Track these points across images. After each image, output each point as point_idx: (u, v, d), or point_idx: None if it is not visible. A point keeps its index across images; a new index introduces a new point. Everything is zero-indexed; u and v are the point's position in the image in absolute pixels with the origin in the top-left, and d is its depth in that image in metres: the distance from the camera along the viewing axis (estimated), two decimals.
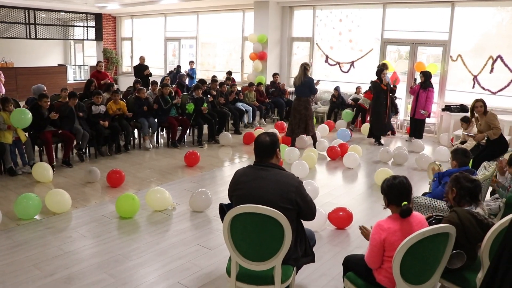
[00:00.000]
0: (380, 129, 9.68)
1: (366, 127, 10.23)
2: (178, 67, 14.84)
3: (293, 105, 9.04)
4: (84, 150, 8.04)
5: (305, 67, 8.63)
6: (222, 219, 3.31)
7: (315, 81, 8.78)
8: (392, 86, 9.69)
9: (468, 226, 3.02)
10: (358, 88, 11.68)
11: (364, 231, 3.25)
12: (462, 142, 7.72)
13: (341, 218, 5.13)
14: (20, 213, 5.17)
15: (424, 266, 2.78)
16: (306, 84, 8.60)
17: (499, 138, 6.43)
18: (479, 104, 6.56)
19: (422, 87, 9.68)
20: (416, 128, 10.00)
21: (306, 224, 3.33)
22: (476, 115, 6.68)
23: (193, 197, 5.53)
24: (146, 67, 13.19)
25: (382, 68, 9.63)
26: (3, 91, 10.44)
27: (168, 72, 14.59)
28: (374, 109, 9.62)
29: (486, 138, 6.57)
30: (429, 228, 2.65)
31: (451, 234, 2.73)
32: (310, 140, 9.21)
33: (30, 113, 6.88)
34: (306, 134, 9.01)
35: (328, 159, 8.33)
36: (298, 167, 7.00)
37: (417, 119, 9.87)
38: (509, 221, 2.27)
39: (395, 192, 2.93)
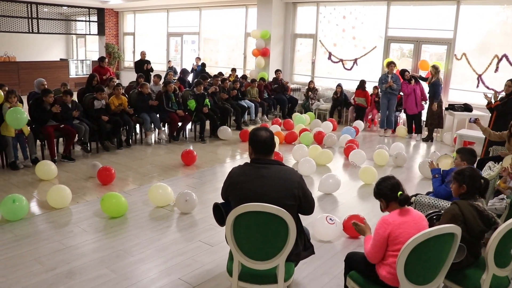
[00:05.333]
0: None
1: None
2: (203, 64, 14.64)
3: None
4: (87, 143, 8.02)
5: None
6: (216, 218, 3.28)
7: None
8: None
9: (469, 218, 3.02)
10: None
11: (358, 227, 3.27)
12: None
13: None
14: (6, 215, 4.98)
15: (429, 266, 2.75)
16: None
17: None
18: None
19: (415, 82, 9.87)
20: (417, 124, 10.12)
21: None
22: None
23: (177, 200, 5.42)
24: (147, 62, 13.16)
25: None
26: None
27: (190, 70, 14.44)
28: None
29: None
30: (434, 228, 2.62)
31: (456, 234, 2.70)
32: None
33: (26, 113, 6.80)
34: None
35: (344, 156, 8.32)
36: (305, 164, 7.05)
37: (414, 115, 10.00)
38: None
39: (388, 190, 2.97)
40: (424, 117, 10.14)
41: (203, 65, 14.46)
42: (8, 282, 3.72)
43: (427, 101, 9.85)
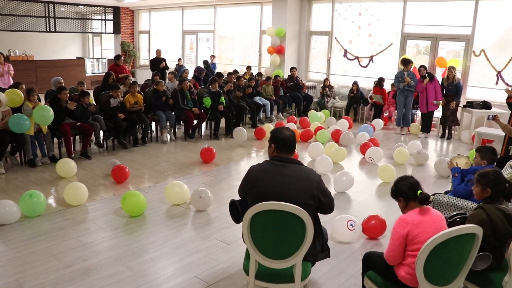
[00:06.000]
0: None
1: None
2: (206, 62, 14.72)
3: None
4: (102, 140, 8.07)
5: None
6: (233, 215, 3.26)
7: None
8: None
9: (497, 222, 2.94)
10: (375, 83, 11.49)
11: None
12: None
13: (374, 228, 4.71)
14: (25, 211, 5.04)
15: (449, 267, 2.70)
16: None
17: None
18: None
19: (430, 80, 9.73)
20: (426, 123, 10.06)
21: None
22: None
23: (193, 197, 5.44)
24: (163, 60, 13.21)
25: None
26: (11, 83, 10.56)
27: (176, 65, 14.52)
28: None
29: None
30: (454, 228, 2.57)
31: (477, 235, 2.64)
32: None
33: (52, 110, 6.92)
34: None
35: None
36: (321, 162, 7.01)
37: (427, 114, 9.92)
38: None
39: (408, 188, 2.92)
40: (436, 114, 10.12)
41: (205, 62, 14.49)
42: (27, 277, 3.76)
43: (440, 101, 9.73)
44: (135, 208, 5.14)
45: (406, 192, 2.93)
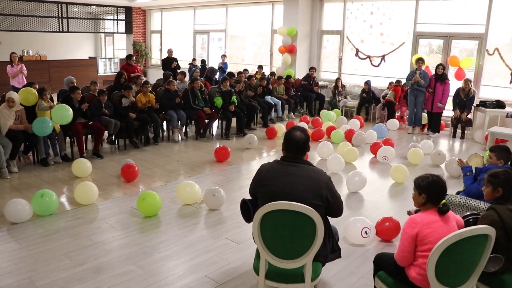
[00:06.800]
0: None
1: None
2: (203, 61, 14.77)
3: None
4: (114, 138, 8.12)
5: None
6: (243, 215, 3.26)
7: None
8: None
9: (509, 223, 2.89)
10: (391, 84, 11.37)
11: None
12: None
13: (388, 230, 4.60)
14: (37, 209, 5.07)
15: (461, 269, 2.66)
16: None
17: None
18: None
19: (440, 80, 9.63)
20: (435, 123, 10.00)
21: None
22: None
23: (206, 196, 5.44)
24: (174, 60, 13.24)
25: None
26: (25, 82, 10.71)
27: (190, 65, 14.56)
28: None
29: None
30: (467, 229, 2.53)
31: (490, 236, 2.60)
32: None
33: (71, 110, 7.00)
34: None
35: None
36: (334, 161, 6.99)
37: (434, 113, 9.87)
38: None
39: (438, 190, 2.84)
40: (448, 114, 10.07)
41: (203, 61, 14.49)
42: (38, 276, 3.79)
43: (444, 105, 9.78)
44: (151, 209, 5.16)
45: (435, 194, 2.85)
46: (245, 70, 12.30)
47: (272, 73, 12.40)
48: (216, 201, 5.36)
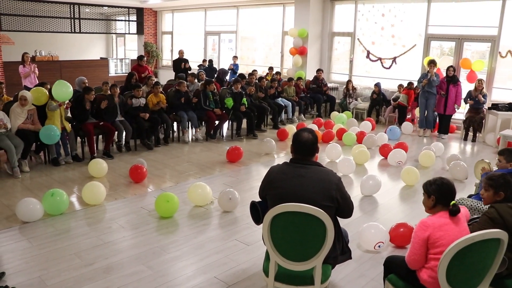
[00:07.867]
0: None
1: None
2: (210, 61, 14.75)
3: None
4: (123, 144, 8.15)
5: None
6: (253, 217, 3.25)
7: None
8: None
9: (510, 221, 2.88)
10: (400, 87, 11.25)
11: None
12: None
13: (402, 235, 4.48)
14: (48, 209, 5.11)
15: (472, 272, 2.64)
16: None
17: None
18: None
19: (452, 82, 9.58)
20: (444, 125, 9.96)
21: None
22: None
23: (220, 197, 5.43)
24: (185, 61, 13.27)
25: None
26: (37, 82, 10.80)
27: (198, 66, 14.55)
28: None
29: None
30: (478, 233, 2.51)
31: (502, 240, 2.57)
32: None
33: (71, 87, 7.10)
34: None
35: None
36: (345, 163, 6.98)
37: (445, 115, 9.84)
38: None
39: (447, 192, 2.84)
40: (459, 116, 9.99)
41: (210, 61, 14.49)
42: (49, 274, 3.82)
43: (459, 107, 9.78)
44: (170, 211, 5.17)
45: (442, 198, 2.85)
46: (254, 71, 12.28)
47: (278, 73, 12.35)
48: (231, 204, 5.36)
